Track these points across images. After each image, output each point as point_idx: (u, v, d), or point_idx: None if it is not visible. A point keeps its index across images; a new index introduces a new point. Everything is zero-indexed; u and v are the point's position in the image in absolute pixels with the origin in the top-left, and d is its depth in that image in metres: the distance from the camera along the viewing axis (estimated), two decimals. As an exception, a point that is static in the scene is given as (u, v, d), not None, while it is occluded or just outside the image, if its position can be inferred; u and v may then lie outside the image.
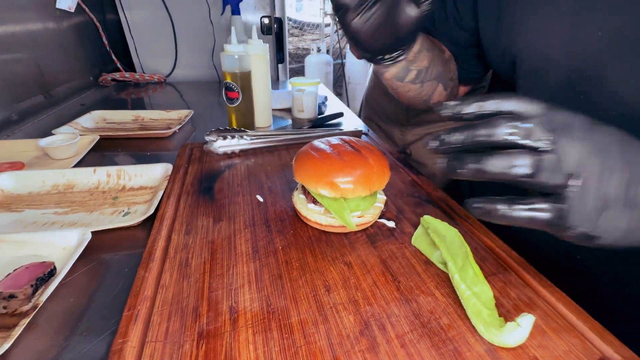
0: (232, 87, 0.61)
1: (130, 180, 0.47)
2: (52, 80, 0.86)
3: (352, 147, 0.34)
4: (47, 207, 0.41)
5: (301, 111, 0.76)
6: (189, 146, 0.55)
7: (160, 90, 1.09)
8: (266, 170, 0.48)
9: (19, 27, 0.76)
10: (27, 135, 0.68)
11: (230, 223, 0.36)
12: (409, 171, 0.48)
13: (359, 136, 0.60)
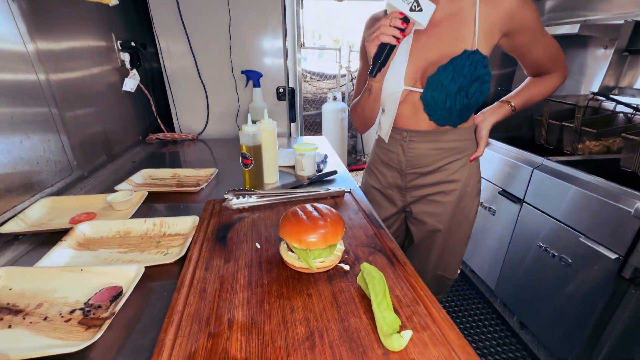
0: (246, 156, 0.80)
1: (169, 228, 0.65)
2: (113, 142, 1.11)
3: (318, 213, 0.50)
4: (113, 247, 0.60)
5: (302, 170, 0.94)
6: (212, 202, 0.73)
7: (193, 146, 1.33)
8: (265, 223, 0.65)
9: (95, 106, 1.02)
10: (94, 187, 0.90)
11: (235, 263, 0.52)
12: (373, 226, 0.63)
13: (342, 196, 0.77)
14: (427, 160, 0.81)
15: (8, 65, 0.70)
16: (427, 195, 0.85)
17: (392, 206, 0.92)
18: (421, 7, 0.59)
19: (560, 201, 1.15)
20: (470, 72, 0.66)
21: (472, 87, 0.68)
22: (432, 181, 0.83)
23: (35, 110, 0.76)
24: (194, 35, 1.25)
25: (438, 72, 0.69)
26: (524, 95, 0.82)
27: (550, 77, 0.80)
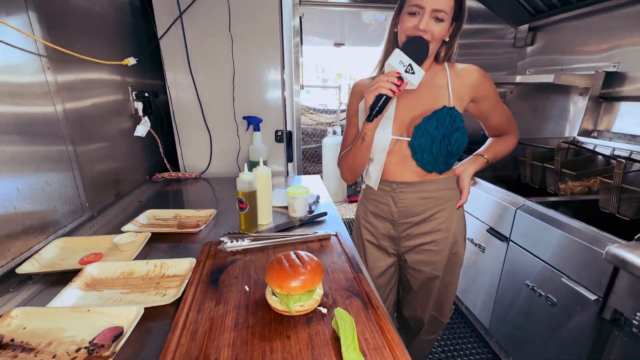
0: (242, 200, 0.88)
1: (168, 269, 0.72)
2: (122, 181, 1.21)
3: (299, 261, 0.57)
4: (117, 288, 0.66)
5: (294, 212, 1.02)
6: (209, 244, 0.80)
7: (196, 184, 1.42)
8: (255, 266, 0.71)
9: (108, 149, 1.12)
10: (102, 227, 0.98)
11: (225, 305, 0.58)
12: (353, 270, 0.70)
13: (328, 239, 0.83)
14: (417, 210, 0.89)
15: (33, 101, 0.81)
16: (421, 244, 0.91)
17: (387, 257, 0.99)
18: (414, 71, 0.73)
19: (542, 241, 1.21)
20: (450, 122, 0.78)
21: (454, 135, 0.79)
22: (423, 230, 0.90)
23: (53, 149, 0.85)
24: (201, 84, 1.39)
25: (424, 122, 0.81)
26: (492, 150, 0.95)
27: (509, 137, 0.97)
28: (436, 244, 0.90)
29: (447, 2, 0.73)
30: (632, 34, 1.54)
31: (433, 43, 0.77)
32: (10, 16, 0.73)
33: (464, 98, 0.85)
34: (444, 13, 0.74)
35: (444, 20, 0.75)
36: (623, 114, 1.60)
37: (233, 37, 1.33)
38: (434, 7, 0.73)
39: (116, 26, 1.19)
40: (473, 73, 0.84)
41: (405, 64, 0.72)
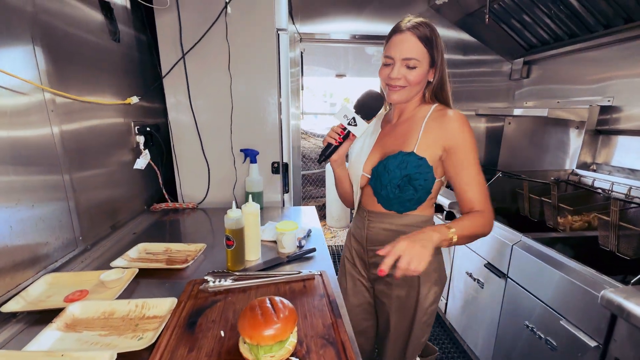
0: (229, 238, 0.89)
1: (149, 310, 0.72)
2: (118, 214, 1.24)
3: (273, 309, 0.57)
4: (96, 329, 0.67)
5: (283, 248, 1.02)
6: (192, 283, 0.81)
7: (193, 214, 1.44)
8: (235, 308, 0.71)
9: (107, 181, 1.16)
10: (94, 260, 0.99)
11: (197, 353, 0.58)
12: (332, 314, 0.69)
13: (312, 279, 0.83)
14: (381, 240, 0.90)
15: (31, 120, 0.85)
16: (385, 276, 0.90)
17: (362, 278, 0.99)
18: (356, 124, 0.82)
19: (539, 280, 1.17)
20: (401, 169, 0.82)
21: (402, 182, 0.82)
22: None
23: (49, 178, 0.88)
24: (201, 119, 1.45)
25: (378, 165, 0.87)
26: (460, 223, 0.76)
27: (483, 213, 0.79)
28: (393, 279, 0.89)
29: (415, 50, 0.78)
30: (624, 69, 1.56)
31: (410, 88, 0.82)
32: (16, 58, 0.79)
33: (437, 143, 0.82)
34: (416, 60, 0.78)
35: (417, 67, 0.79)
36: (621, 148, 1.59)
37: (232, 75, 1.40)
38: (403, 56, 0.78)
39: (122, 63, 1.27)
40: (452, 119, 0.81)
41: (349, 117, 0.82)
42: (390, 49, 0.81)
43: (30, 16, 0.83)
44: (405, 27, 0.79)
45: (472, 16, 2.09)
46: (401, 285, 0.90)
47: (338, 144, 0.85)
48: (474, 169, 0.81)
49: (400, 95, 0.83)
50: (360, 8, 2.16)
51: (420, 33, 0.78)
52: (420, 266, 0.66)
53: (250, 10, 1.35)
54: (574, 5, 1.59)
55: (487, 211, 0.80)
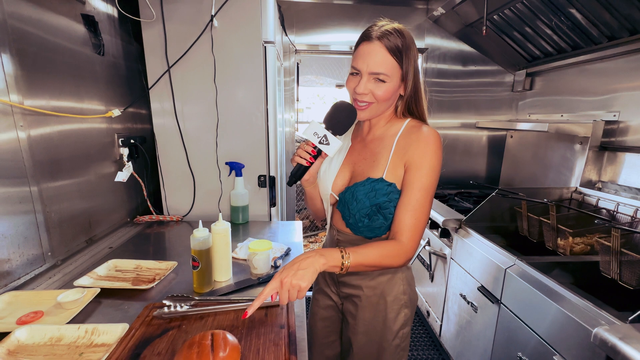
0: (195, 258, 0.86)
1: (98, 336, 0.68)
2: (96, 226, 1.22)
3: (212, 347, 0.52)
4: (37, 357, 0.63)
5: (255, 269, 0.98)
6: (150, 306, 0.77)
7: (177, 227, 1.42)
8: (186, 339, 0.67)
9: (86, 192, 1.15)
10: (65, 275, 0.97)
11: (131, 392, 0.54)
12: (287, 350, 0.64)
13: (275, 306, 0.78)
14: None
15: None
16: (351, 295, 0.87)
17: (332, 294, 0.94)
18: (329, 142, 0.75)
19: (533, 309, 1.09)
20: (370, 198, 0.75)
21: (371, 211, 0.76)
22: (354, 283, 0.86)
23: (12, 190, 0.85)
24: (187, 131, 1.43)
25: (346, 191, 0.81)
26: (360, 249, 0.70)
27: (394, 242, 0.72)
28: (360, 300, 0.85)
29: (384, 64, 0.71)
30: (631, 82, 1.48)
31: (378, 104, 0.76)
32: None
33: (401, 162, 0.76)
34: (384, 75, 0.72)
35: (386, 81, 0.73)
36: (628, 165, 1.49)
37: (218, 88, 1.38)
38: (370, 70, 0.72)
39: (105, 74, 1.27)
40: (420, 137, 0.75)
41: (320, 135, 0.74)
42: (357, 59, 0.74)
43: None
44: (374, 36, 0.71)
45: (471, 27, 2.04)
46: (368, 308, 0.84)
47: (309, 164, 0.77)
48: (420, 194, 0.73)
49: (368, 113, 0.77)
50: (356, 20, 2.14)
51: (391, 44, 0.70)
52: (300, 295, 0.63)
53: (236, 23, 1.34)
54: (577, 17, 1.53)
55: (406, 243, 0.72)
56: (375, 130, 0.84)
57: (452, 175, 2.37)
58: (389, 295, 0.83)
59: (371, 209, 0.76)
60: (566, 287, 1.01)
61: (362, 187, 0.77)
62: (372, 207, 0.76)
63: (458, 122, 2.35)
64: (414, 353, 1.86)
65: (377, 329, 0.85)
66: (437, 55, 2.23)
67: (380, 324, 0.84)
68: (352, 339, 0.88)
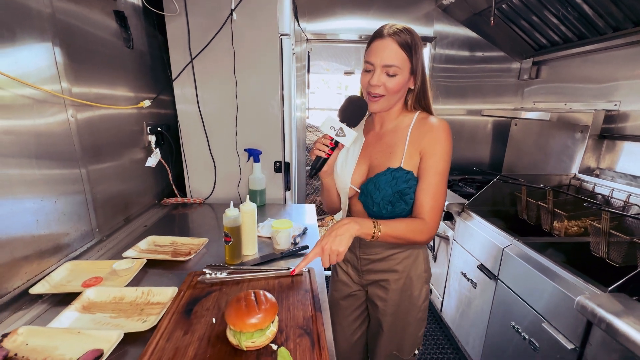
0: (227, 234, 0.98)
1: (153, 297, 0.82)
2: (131, 207, 1.35)
3: (256, 301, 0.65)
4: (107, 312, 0.77)
5: (277, 245, 1.10)
6: (192, 274, 0.90)
7: (199, 209, 1.55)
8: (227, 299, 0.79)
9: (121, 177, 1.27)
10: (108, 250, 1.10)
11: (190, 336, 0.67)
12: (313, 308, 0.76)
13: (300, 275, 0.91)
14: (376, 250, 0.94)
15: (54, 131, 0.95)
16: (379, 280, 0.96)
17: (352, 283, 1.04)
18: (345, 134, 0.80)
19: (526, 283, 1.21)
20: (392, 186, 0.83)
21: (394, 197, 0.84)
22: (381, 268, 0.95)
23: (67, 172, 0.97)
24: (208, 120, 1.53)
25: (368, 182, 0.87)
26: (391, 223, 0.80)
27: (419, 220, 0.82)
28: (389, 283, 0.94)
29: (396, 57, 0.78)
30: (633, 71, 1.54)
31: (389, 96, 0.83)
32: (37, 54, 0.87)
33: (416, 152, 0.84)
34: (396, 67, 0.79)
35: (397, 74, 0.79)
36: (626, 153, 1.57)
37: (237, 79, 1.47)
38: (383, 63, 0.79)
39: (135, 65, 1.36)
40: (433, 127, 0.83)
41: (336, 128, 0.80)
42: (370, 54, 0.81)
43: (48, 16, 0.90)
44: (386, 33, 0.78)
45: (480, 15, 2.07)
46: (397, 290, 0.94)
47: (328, 156, 0.83)
48: (437, 179, 0.82)
49: (380, 105, 0.84)
50: (366, 7, 2.17)
51: (401, 39, 0.78)
52: (339, 258, 0.73)
53: (254, 17, 1.41)
54: (583, 8, 1.57)
55: (429, 221, 0.82)
56: (387, 124, 0.91)
57: (457, 162, 2.45)
58: (414, 275, 0.93)
59: (394, 196, 0.84)
60: (558, 265, 1.13)
61: (384, 177, 0.84)
62: (394, 194, 0.83)
63: (464, 108, 2.41)
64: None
65: (404, 307, 0.95)
66: (445, 43, 2.27)
67: (407, 302, 0.94)
68: (382, 320, 0.97)
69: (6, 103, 0.78)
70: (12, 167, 0.79)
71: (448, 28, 2.24)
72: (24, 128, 0.83)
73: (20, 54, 0.81)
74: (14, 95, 0.80)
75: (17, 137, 0.80)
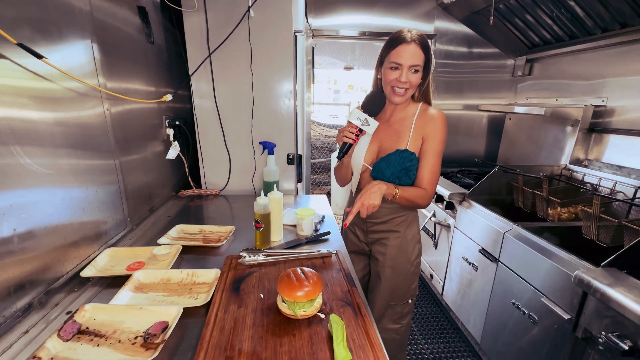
0: (258, 221, 1.05)
1: (198, 278, 0.88)
2: (154, 198, 1.39)
3: (304, 275, 0.73)
4: (159, 291, 0.83)
5: (302, 231, 1.18)
6: (230, 258, 0.97)
7: (215, 201, 1.60)
8: (269, 277, 0.87)
9: (145, 169, 1.31)
10: (138, 239, 1.15)
11: (244, 308, 0.74)
12: (348, 284, 0.85)
13: (329, 256, 0.99)
14: (379, 214, 1.13)
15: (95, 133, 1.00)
16: (381, 238, 1.16)
17: (359, 242, 1.23)
18: (369, 124, 0.98)
19: (526, 263, 1.33)
20: (400, 164, 1.03)
21: (401, 173, 1.03)
22: (383, 229, 1.14)
23: (104, 162, 1.02)
24: (224, 113, 1.58)
25: (380, 161, 1.07)
26: (405, 189, 1.01)
27: (423, 190, 1.03)
28: (388, 240, 1.14)
29: (420, 58, 0.96)
30: (619, 69, 1.67)
31: (411, 89, 1.01)
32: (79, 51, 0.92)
33: (419, 137, 1.04)
34: (419, 66, 0.97)
35: (419, 71, 0.98)
36: (612, 146, 1.71)
37: (254, 74, 1.52)
38: (410, 63, 0.96)
39: (155, 60, 1.39)
40: (434, 117, 1.04)
41: (362, 119, 0.98)
42: (398, 56, 0.96)
43: (87, 14, 0.94)
44: (410, 39, 0.95)
45: (478, 14, 2.17)
46: (394, 246, 1.13)
47: (354, 142, 1.01)
48: (435, 159, 1.04)
49: (403, 98, 1.02)
50: (371, 3, 2.24)
51: (423, 43, 0.97)
52: (375, 206, 0.92)
53: (270, 13, 1.46)
54: (575, 9, 1.68)
55: (429, 189, 1.04)
56: (397, 113, 1.09)
57: (455, 154, 2.57)
58: (409, 235, 1.14)
59: (400, 172, 1.04)
60: (554, 245, 1.25)
61: (393, 157, 1.04)
62: (401, 170, 1.04)
63: (461, 103, 2.52)
64: (419, 309, 2.13)
65: (400, 261, 1.14)
66: (445, 40, 2.36)
67: (402, 257, 1.14)
68: (380, 273, 1.16)
69: (57, 96, 0.82)
70: (62, 157, 0.83)
71: (447, 25, 2.34)
72: (71, 120, 0.87)
73: (66, 50, 0.85)
74: (63, 89, 0.84)
75: (66, 129, 0.85)
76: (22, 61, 0.71)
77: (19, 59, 0.71)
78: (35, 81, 0.75)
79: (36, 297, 0.74)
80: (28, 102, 0.73)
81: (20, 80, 0.72)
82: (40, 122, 0.76)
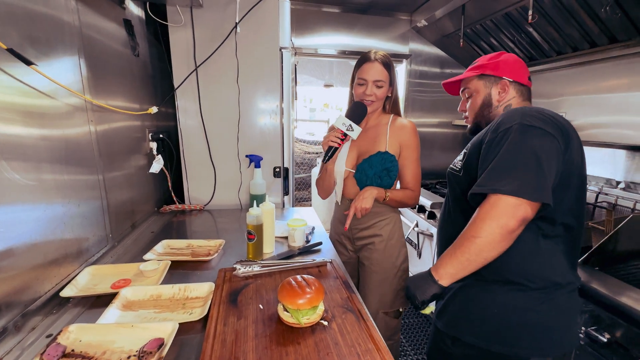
0: (251, 232, 1.03)
1: (191, 292, 0.84)
2: (136, 214, 1.33)
3: (305, 282, 0.72)
4: (149, 308, 0.78)
5: (294, 242, 1.17)
6: (224, 270, 0.94)
7: (200, 216, 1.55)
8: (266, 288, 0.85)
9: (128, 183, 1.26)
10: (120, 255, 1.09)
11: (245, 320, 0.72)
12: (346, 290, 0.85)
13: (325, 265, 0.99)
14: (363, 220, 1.20)
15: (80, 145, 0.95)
16: (366, 244, 1.22)
17: (346, 251, 1.29)
18: (353, 129, 1.09)
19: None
20: (381, 164, 1.13)
21: (382, 173, 1.12)
22: (367, 234, 1.21)
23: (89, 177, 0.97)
24: (210, 127, 1.57)
25: (363, 162, 1.17)
26: (394, 192, 1.16)
27: (410, 191, 1.18)
28: (374, 245, 1.21)
29: (382, 74, 1.12)
30: (575, 89, 1.85)
31: (377, 101, 1.16)
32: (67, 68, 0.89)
33: (396, 144, 1.17)
34: (382, 81, 1.12)
35: (383, 86, 1.14)
36: (573, 156, 1.87)
37: (240, 88, 1.53)
38: (374, 78, 1.12)
39: (140, 74, 1.37)
40: (407, 126, 1.17)
41: (347, 125, 1.09)
42: (363, 73, 1.13)
43: (76, 30, 0.93)
44: (374, 58, 1.12)
45: (448, 37, 2.35)
46: (379, 251, 1.20)
47: (339, 146, 1.11)
48: (414, 164, 1.18)
49: (372, 107, 1.16)
50: (351, 25, 2.36)
51: (384, 61, 1.12)
52: (368, 209, 1.09)
53: (257, 30, 1.50)
54: (533, 34, 1.87)
55: (415, 190, 1.18)
56: (371, 122, 1.23)
57: (432, 167, 2.68)
58: (392, 238, 1.21)
59: (382, 172, 1.14)
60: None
61: (376, 158, 1.15)
62: (383, 170, 1.14)
63: (436, 120, 2.66)
64: (406, 320, 2.14)
65: (385, 266, 1.20)
66: (419, 60, 2.52)
67: (388, 261, 1.20)
68: (367, 278, 1.22)
69: (44, 111, 0.79)
70: (46, 172, 0.79)
71: (421, 47, 2.50)
72: (56, 135, 0.83)
73: (57, 66, 0.83)
74: (50, 104, 0.81)
75: (51, 143, 0.81)
76: (11, 71, 0.69)
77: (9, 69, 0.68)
78: (22, 96, 0.72)
79: (11, 320, 0.68)
80: (14, 116, 0.70)
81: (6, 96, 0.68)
82: (26, 137, 0.73)
